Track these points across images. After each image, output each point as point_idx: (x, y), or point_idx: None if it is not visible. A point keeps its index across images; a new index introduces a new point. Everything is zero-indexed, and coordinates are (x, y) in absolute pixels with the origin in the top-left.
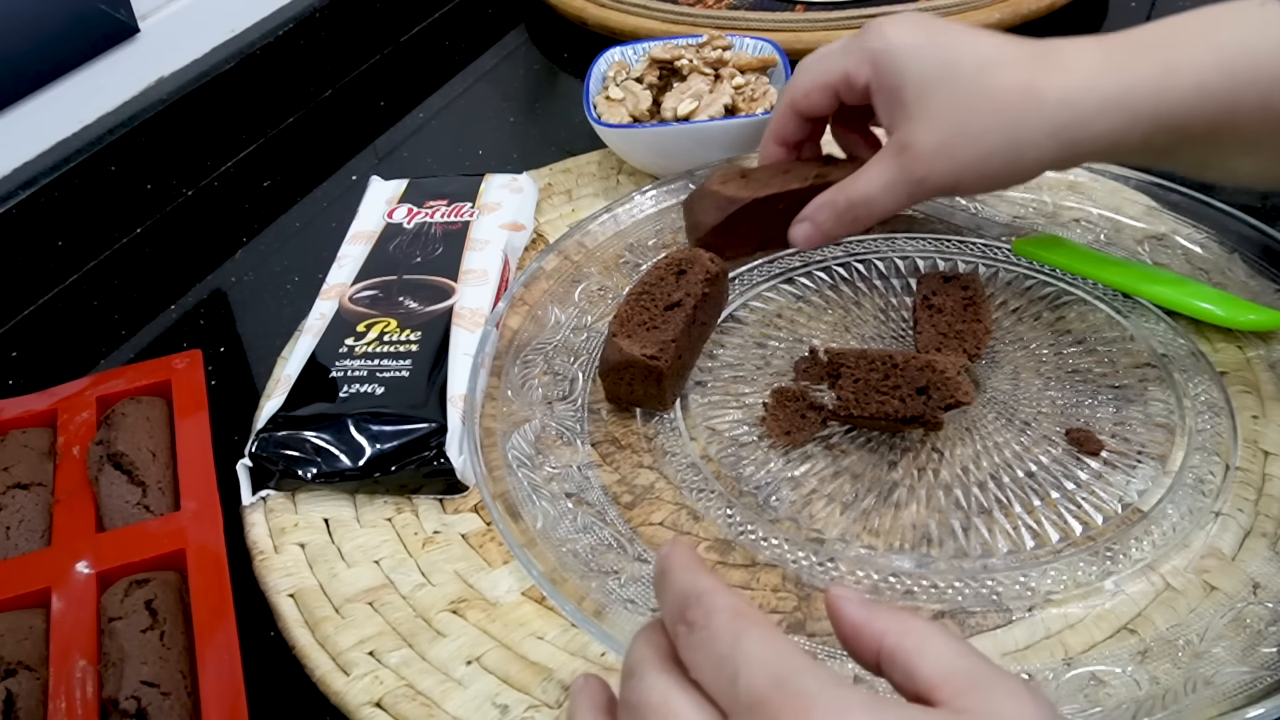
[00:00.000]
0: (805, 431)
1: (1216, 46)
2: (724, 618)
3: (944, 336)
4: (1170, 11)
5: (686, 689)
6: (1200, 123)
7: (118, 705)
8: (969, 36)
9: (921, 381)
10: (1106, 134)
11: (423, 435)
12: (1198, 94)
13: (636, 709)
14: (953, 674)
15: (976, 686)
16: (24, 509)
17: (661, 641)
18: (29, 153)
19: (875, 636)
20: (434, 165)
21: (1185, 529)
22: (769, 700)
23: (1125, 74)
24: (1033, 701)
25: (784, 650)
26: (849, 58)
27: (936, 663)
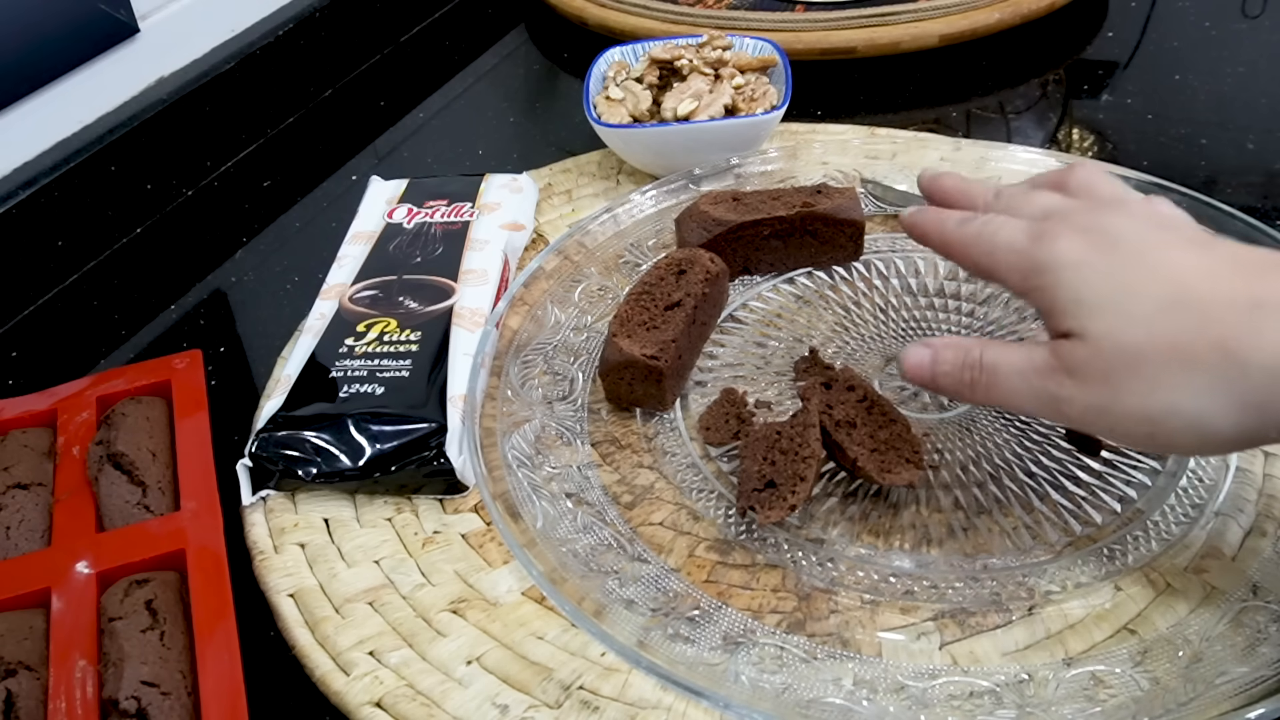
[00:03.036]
0: (720, 433)
1: None
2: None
3: (879, 453)
4: (1170, 14)
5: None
6: None
7: (118, 705)
8: (1158, 256)
9: (883, 436)
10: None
11: (423, 435)
12: None
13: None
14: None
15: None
16: (24, 509)
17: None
18: (29, 153)
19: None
20: (434, 165)
21: (1185, 529)
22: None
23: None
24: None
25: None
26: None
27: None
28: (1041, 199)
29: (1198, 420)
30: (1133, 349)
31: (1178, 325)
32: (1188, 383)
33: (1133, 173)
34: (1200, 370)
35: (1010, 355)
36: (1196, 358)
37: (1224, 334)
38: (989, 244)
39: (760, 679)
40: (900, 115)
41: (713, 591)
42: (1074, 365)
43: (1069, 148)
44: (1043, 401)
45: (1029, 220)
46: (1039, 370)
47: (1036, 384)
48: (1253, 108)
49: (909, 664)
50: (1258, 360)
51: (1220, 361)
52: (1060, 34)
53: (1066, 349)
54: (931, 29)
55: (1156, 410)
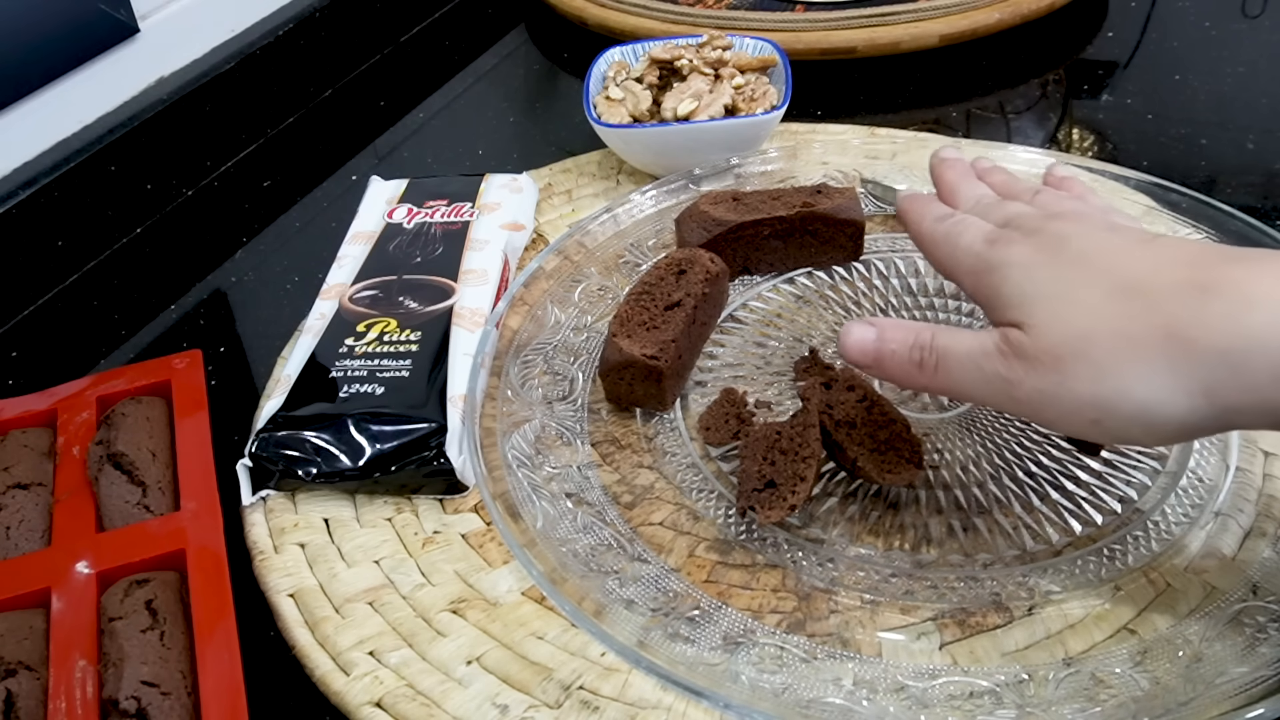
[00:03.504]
0: (720, 433)
1: None
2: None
3: (879, 453)
4: (1170, 14)
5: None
6: None
7: (118, 705)
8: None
9: (883, 437)
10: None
11: (423, 435)
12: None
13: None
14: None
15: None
16: (24, 509)
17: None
18: (29, 153)
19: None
20: (434, 165)
21: (1185, 529)
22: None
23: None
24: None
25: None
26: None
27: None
28: (1010, 208)
29: (1146, 406)
30: (1079, 334)
31: (1124, 312)
32: (1136, 369)
33: (1133, 173)
34: (1149, 356)
35: (960, 338)
36: (1144, 343)
37: (1171, 320)
38: (952, 245)
39: (760, 679)
40: (900, 115)
41: (713, 591)
42: (1022, 349)
43: (1069, 148)
44: (992, 386)
45: (992, 226)
46: (988, 354)
47: (986, 367)
48: (1253, 108)
49: (909, 664)
50: (1205, 343)
51: (1169, 347)
52: (1060, 34)
53: (1015, 335)
54: (931, 29)
55: (1105, 396)
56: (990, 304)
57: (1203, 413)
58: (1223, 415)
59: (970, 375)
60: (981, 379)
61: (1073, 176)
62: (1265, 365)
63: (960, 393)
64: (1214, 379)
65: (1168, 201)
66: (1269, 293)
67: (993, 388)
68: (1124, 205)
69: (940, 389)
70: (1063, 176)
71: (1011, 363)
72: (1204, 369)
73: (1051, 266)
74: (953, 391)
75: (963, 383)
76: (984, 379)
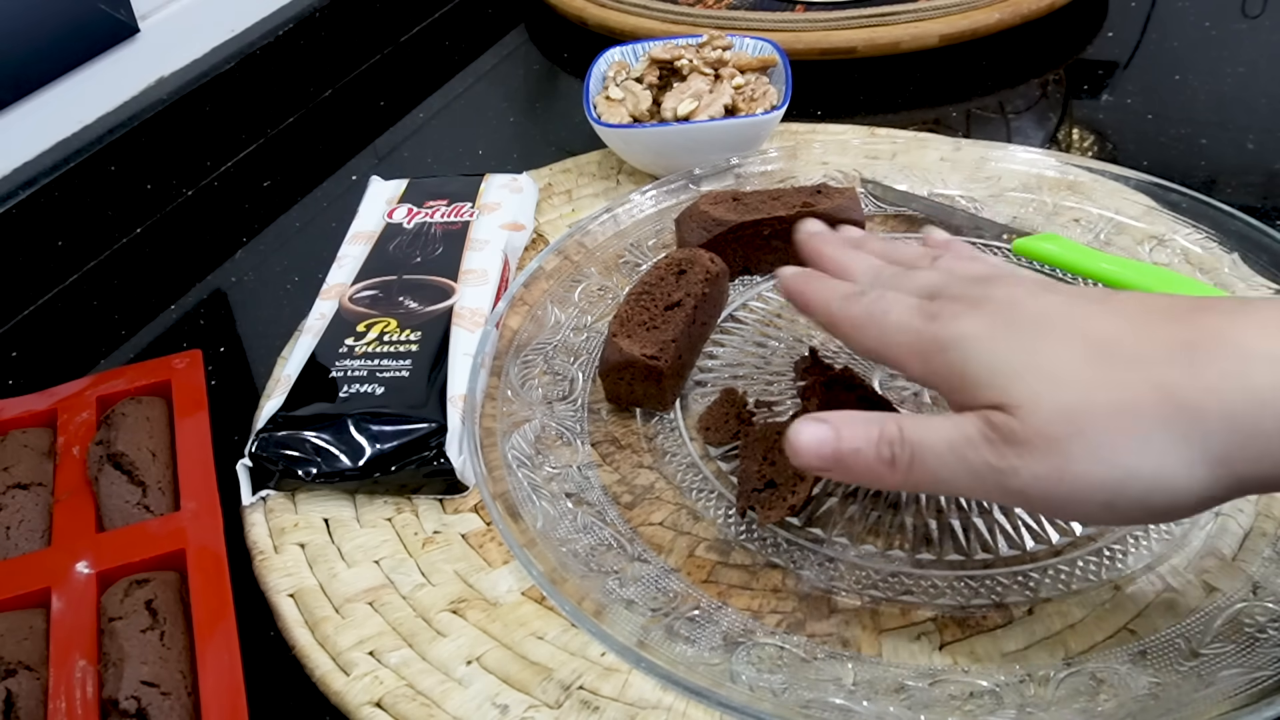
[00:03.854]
0: (720, 433)
1: None
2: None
3: None
4: (1170, 14)
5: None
6: None
7: (118, 705)
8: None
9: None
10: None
11: (423, 435)
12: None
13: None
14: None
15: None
16: (24, 509)
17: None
18: (29, 153)
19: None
20: (434, 165)
21: (1185, 529)
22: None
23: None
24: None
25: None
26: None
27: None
28: (923, 277)
29: (1158, 482)
30: (1071, 410)
31: (1112, 379)
32: (1141, 442)
33: (1133, 173)
34: (1150, 426)
35: (934, 428)
36: (1144, 414)
37: (1167, 384)
38: (879, 325)
39: (760, 679)
40: (900, 115)
41: (713, 591)
42: (1011, 434)
43: (1069, 148)
44: (981, 478)
45: (916, 299)
46: (972, 442)
47: (973, 458)
48: (1253, 108)
49: (909, 664)
50: (1212, 409)
51: (1171, 414)
52: (1060, 34)
53: (999, 418)
54: (931, 29)
55: (1112, 477)
56: (953, 386)
57: (1221, 482)
58: (1241, 483)
59: (953, 469)
60: (967, 471)
61: (954, 239)
62: (1278, 426)
63: (941, 488)
64: (1226, 446)
65: (1168, 201)
66: (1261, 347)
67: (982, 480)
68: (1124, 205)
69: (916, 486)
70: (945, 239)
71: (1002, 450)
72: (1214, 437)
73: (1014, 337)
74: (932, 488)
75: (945, 478)
76: (970, 472)
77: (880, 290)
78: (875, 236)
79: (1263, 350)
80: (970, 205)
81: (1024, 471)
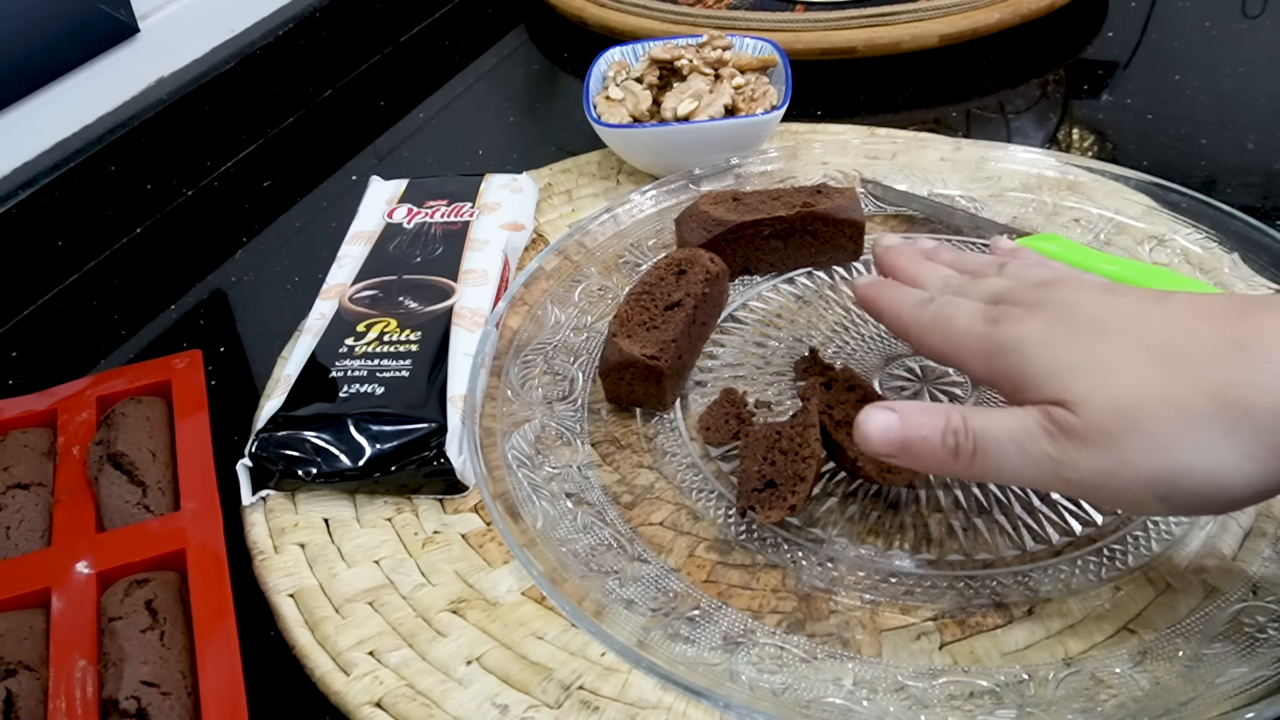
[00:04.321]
0: (720, 433)
1: None
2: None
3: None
4: (1170, 14)
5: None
6: None
7: (118, 705)
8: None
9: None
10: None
11: (423, 435)
12: None
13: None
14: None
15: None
16: (24, 509)
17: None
18: (29, 153)
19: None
20: (434, 165)
21: (1185, 529)
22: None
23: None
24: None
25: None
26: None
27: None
28: (989, 284)
29: (1212, 477)
30: (1128, 406)
31: (1168, 378)
32: (1196, 439)
33: (1133, 173)
34: (1205, 423)
35: (998, 420)
36: (1197, 410)
37: (1219, 382)
38: (945, 329)
39: (760, 679)
40: (900, 115)
41: (713, 591)
42: (1070, 428)
43: (1069, 148)
44: (1040, 468)
45: (982, 304)
46: (1032, 435)
47: (1033, 450)
48: (1253, 108)
49: (909, 664)
50: (1264, 405)
51: (1224, 412)
52: (1060, 34)
53: (1059, 413)
54: (931, 29)
55: (1168, 470)
56: (1015, 385)
57: (1274, 475)
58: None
59: (1014, 460)
60: (1028, 463)
61: (1020, 246)
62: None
63: (1002, 478)
64: (1276, 440)
65: (1168, 201)
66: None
67: (1041, 470)
68: (1124, 205)
69: (979, 475)
70: (1012, 248)
71: (1061, 443)
72: (1265, 433)
73: (1072, 338)
74: (993, 477)
75: (1006, 468)
76: (1031, 463)
77: (948, 297)
78: (947, 247)
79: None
80: (970, 205)
81: (1082, 464)
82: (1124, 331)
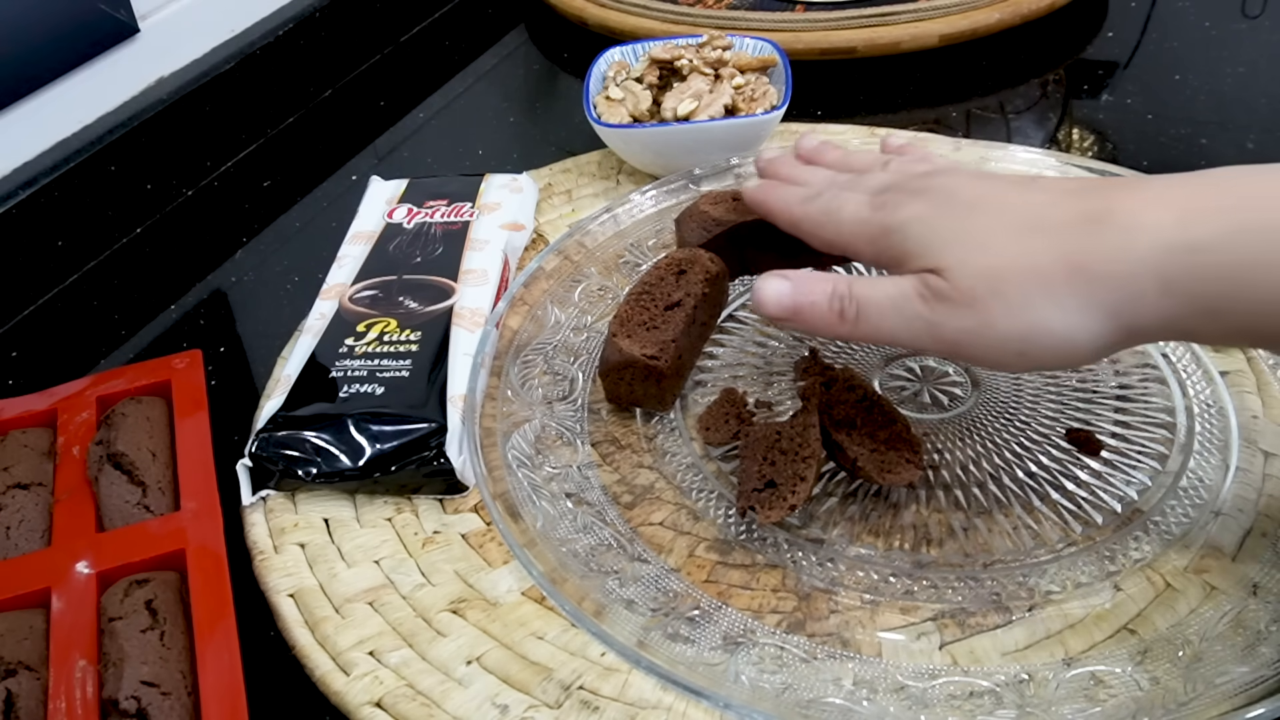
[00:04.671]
0: (720, 433)
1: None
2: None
3: (879, 453)
4: (1170, 14)
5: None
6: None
7: (118, 705)
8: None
9: (883, 437)
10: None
11: (423, 435)
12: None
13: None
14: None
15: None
16: (24, 509)
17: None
18: (29, 153)
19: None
20: (434, 165)
21: (1185, 529)
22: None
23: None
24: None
25: None
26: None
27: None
28: (875, 178)
29: (1062, 334)
30: (994, 272)
31: (1029, 249)
32: (1049, 301)
33: (1133, 173)
34: (1058, 289)
35: (879, 285)
36: (1053, 278)
37: (1071, 251)
38: (836, 220)
39: (760, 679)
40: (900, 115)
41: (713, 591)
42: (941, 292)
43: (1069, 148)
44: (915, 329)
45: (868, 195)
46: (908, 297)
47: (907, 310)
48: (1253, 108)
49: (909, 664)
50: (1103, 270)
51: (1074, 278)
52: (1060, 34)
53: (932, 280)
54: (931, 29)
55: (1025, 328)
56: (897, 261)
57: (1113, 334)
58: (1130, 334)
59: (892, 320)
60: (903, 322)
61: (909, 142)
62: (1153, 285)
63: (882, 338)
64: (1114, 302)
65: None
66: (1145, 218)
67: (914, 329)
68: None
69: (861, 337)
70: (901, 144)
71: (933, 305)
72: (1105, 294)
73: (950, 216)
74: (874, 338)
75: (885, 328)
76: (905, 322)
77: (835, 191)
78: (832, 144)
79: (1146, 221)
80: None
81: (950, 324)
82: (995, 209)
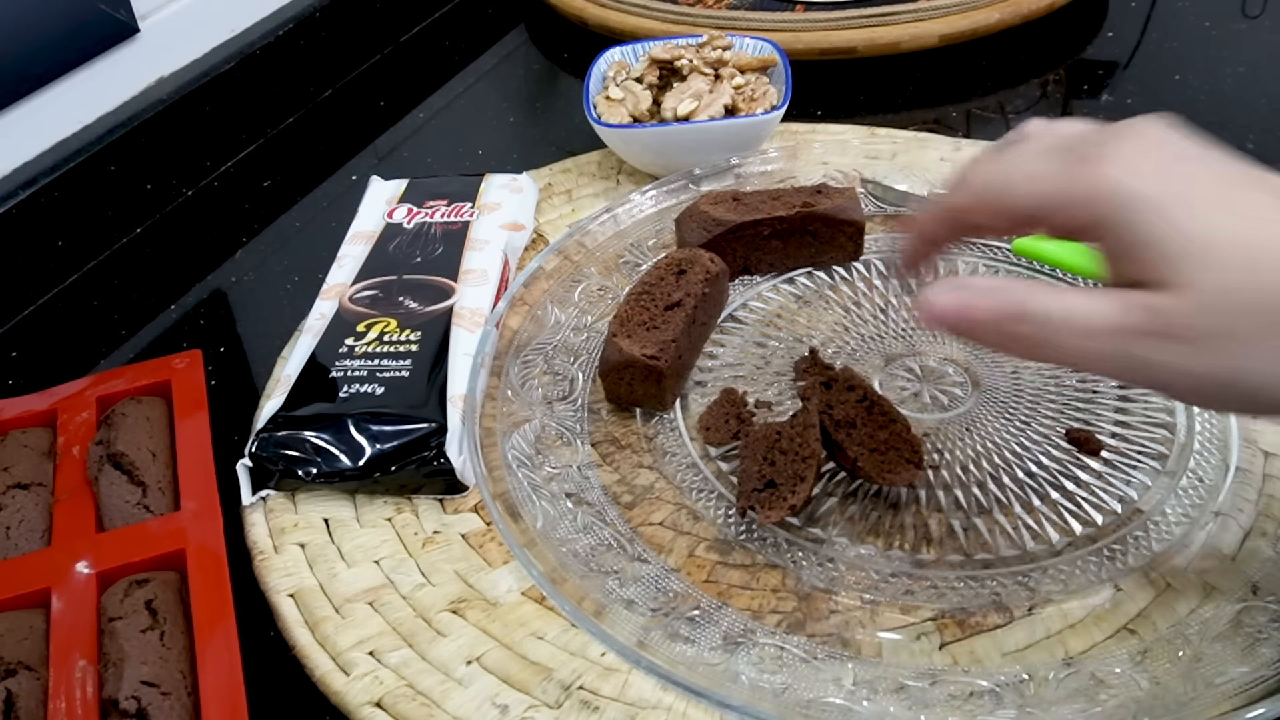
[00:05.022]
0: (720, 433)
1: None
2: None
3: (879, 453)
4: (1170, 14)
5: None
6: None
7: (118, 705)
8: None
9: (883, 437)
10: None
11: (423, 435)
12: None
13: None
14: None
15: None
16: (24, 509)
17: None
18: (29, 153)
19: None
20: (434, 165)
21: (1185, 529)
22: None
23: None
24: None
25: None
26: (1061, 189)
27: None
28: (1057, 130)
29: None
30: (1265, 304)
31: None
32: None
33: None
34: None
35: (1073, 305)
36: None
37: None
38: (1017, 177)
39: (760, 679)
40: (900, 115)
41: (713, 591)
42: (1173, 323)
43: None
44: (1130, 368)
45: (1053, 150)
46: (1118, 329)
47: (1115, 345)
48: (1253, 108)
49: (909, 664)
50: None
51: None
52: (1060, 34)
53: (1160, 303)
54: (931, 29)
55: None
56: (1121, 250)
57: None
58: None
59: (1091, 354)
60: (1110, 359)
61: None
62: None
63: (1079, 368)
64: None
65: None
66: None
67: (1128, 370)
68: None
69: (1048, 360)
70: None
71: (1158, 344)
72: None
73: (1186, 199)
74: (1068, 365)
75: (1083, 361)
76: (1114, 359)
77: (1019, 148)
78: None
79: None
80: None
81: (1175, 365)
82: (1251, 206)
